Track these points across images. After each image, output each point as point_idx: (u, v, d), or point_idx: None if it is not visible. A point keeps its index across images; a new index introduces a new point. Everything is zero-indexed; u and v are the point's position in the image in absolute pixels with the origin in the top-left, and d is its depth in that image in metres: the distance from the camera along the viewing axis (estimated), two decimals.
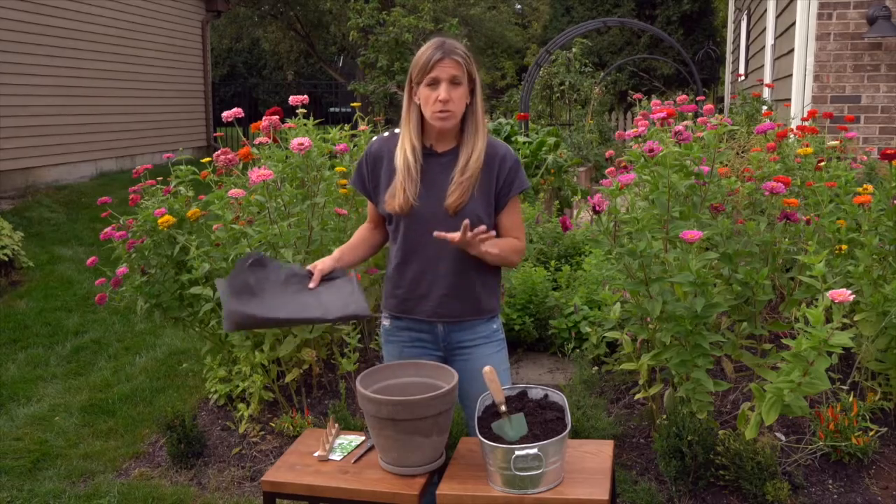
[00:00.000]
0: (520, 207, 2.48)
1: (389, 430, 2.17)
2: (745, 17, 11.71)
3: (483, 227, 2.22)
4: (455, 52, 2.27)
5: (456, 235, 2.21)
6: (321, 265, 2.39)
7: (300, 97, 3.93)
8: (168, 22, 13.29)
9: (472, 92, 2.34)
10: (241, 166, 3.72)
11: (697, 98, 7.99)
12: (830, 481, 3.04)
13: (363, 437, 2.49)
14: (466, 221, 2.19)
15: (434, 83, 2.26)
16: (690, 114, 3.95)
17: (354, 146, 4.26)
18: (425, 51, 2.28)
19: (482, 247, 2.24)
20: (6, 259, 6.55)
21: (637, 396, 3.46)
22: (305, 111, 3.95)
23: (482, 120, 2.37)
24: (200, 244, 3.58)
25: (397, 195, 2.34)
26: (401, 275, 2.44)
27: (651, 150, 3.11)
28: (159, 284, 3.75)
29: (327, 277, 2.39)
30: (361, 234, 2.57)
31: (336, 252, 2.49)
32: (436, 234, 2.24)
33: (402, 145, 2.36)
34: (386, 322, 2.53)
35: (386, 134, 2.47)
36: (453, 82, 2.26)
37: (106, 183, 10.79)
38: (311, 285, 2.35)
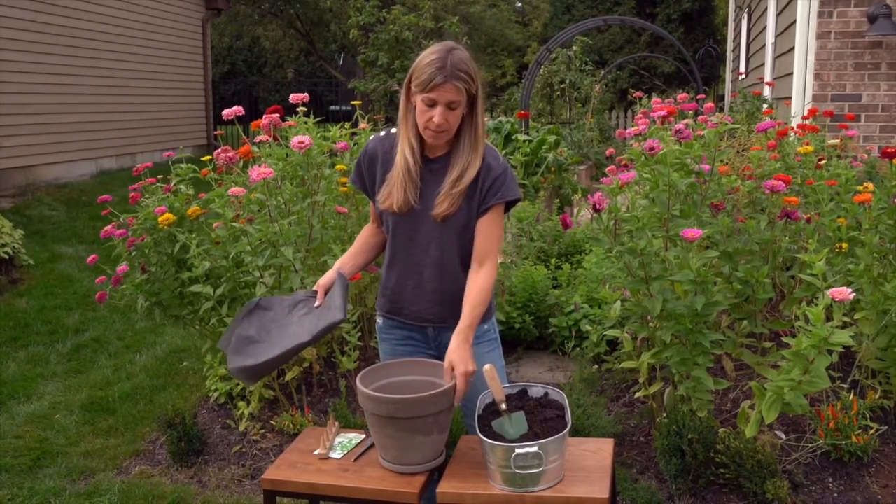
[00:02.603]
0: (500, 221, 2.33)
1: (390, 428, 2.17)
2: (745, 15, 11.71)
3: (462, 382, 2.18)
4: (457, 77, 2.17)
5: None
6: (323, 281, 2.41)
7: (300, 95, 3.93)
8: (169, 20, 13.29)
9: (471, 105, 2.26)
10: (241, 164, 3.72)
11: (698, 96, 8.00)
12: (830, 480, 3.04)
13: (363, 436, 2.49)
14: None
15: (431, 103, 2.19)
16: (691, 112, 3.94)
17: (355, 144, 4.26)
18: (428, 65, 2.17)
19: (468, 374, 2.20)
20: (6, 257, 6.55)
21: (637, 395, 3.46)
22: (306, 109, 3.95)
23: (482, 134, 2.29)
24: (201, 242, 3.58)
25: (395, 194, 2.30)
26: (388, 276, 2.45)
27: (651, 149, 3.11)
28: (159, 282, 3.75)
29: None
30: (364, 237, 2.54)
31: (336, 263, 2.49)
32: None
33: (401, 147, 2.32)
34: (379, 320, 2.53)
35: (382, 133, 2.44)
36: (450, 107, 2.20)
37: (106, 181, 10.80)
38: (317, 304, 2.36)
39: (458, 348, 2.20)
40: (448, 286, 2.35)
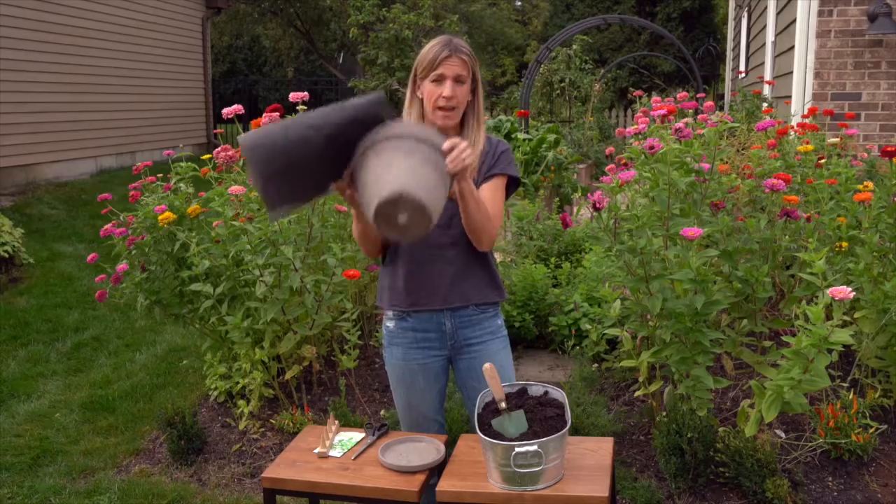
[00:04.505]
0: (502, 192, 2.44)
1: (369, 151, 1.98)
2: (745, 14, 11.70)
3: (451, 143, 2.05)
4: (461, 51, 2.33)
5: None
6: None
7: (300, 94, 3.91)
8: (168, 19, 13.28)
9: (473, 91, 2.40)
10: (241, 163, 3.72)
11: (698, 95, 7.99)
12: (830, 478, 3.04)
13: (363, 434, 2.50)
14: None
15: (439, 80, 2.31)
16: (691, 111, 3.94)
17: None
18: (433, 47, 2.33)
19: (465, 165, 2.06)
20: (6, 256, 6.55)
21: (637, 394, 3.46)
22: (306, 108, 3.94)
23: (483, 117, 2.43)
24: (200, 241, 3.59)
25: None
26: (406, 266, 2.43)
27: (651, 148, 3.11)
28: (159, 281, 3.76)
29: None
30: None
31: None
32: None
33: None
34: (390, 324, 2.51)
35: None
36: (458, 80, 2.32)
37: (106, 180, 10.79)
38: None
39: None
40: (471, 260, 2.42)
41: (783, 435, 3.28)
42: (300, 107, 3.92)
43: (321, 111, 2.03)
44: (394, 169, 1.92)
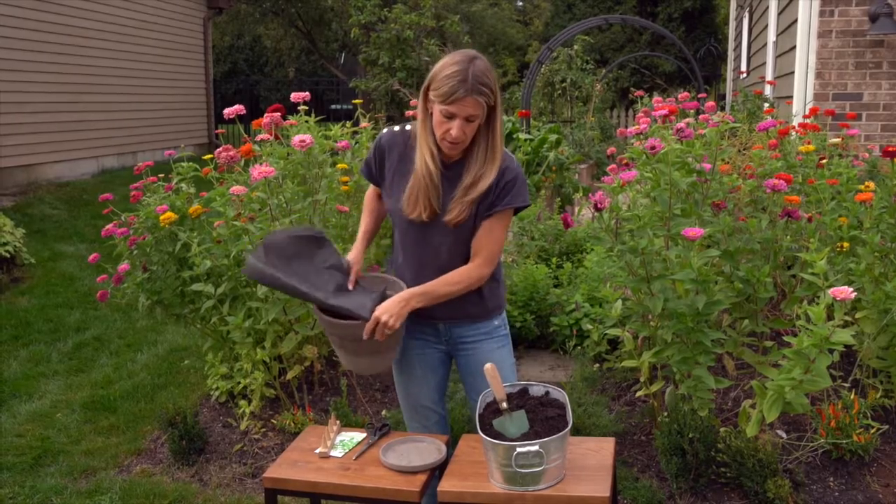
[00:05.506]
0: (503, 225, 2.34)
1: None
2: (746, 14, 11.70)
3: (373, 323, 2.24)
4: (479, 91, 2.16)
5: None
6: (356, 265, 2.45)
7: (302, 94, 3.93)
8: (170, 19, 13.29)
9: (489, 117, 2.26)
10: (242, 163, 3.72)
11: (699, 95, 7.98)
12: (832, 479, 3.04)
13: (364, 434, 2.50)
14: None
15: (449, 116, 2.19)
16: (692, 111, 3.94)
17: (356, 143, 4.26)
18: (449, 77, 2.16)
19: (388, 328, 2.24)
20: (8, 256, 6.55)
21: (638, 394, 3.46)
22: (307, 108, 3.95)
23: (500, 144, 2.28)
24: (202, 241, 3.59)
25: (421, 204, 2.29)
26: (399, 274, 2.48)
27: (653, 148, 3.11)
28: (161, 281, 3.76)
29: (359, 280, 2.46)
30: (374, 212, 2.58)
31: (361, 243, 2.52)
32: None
33: (421, 153, 2.30)
34: None
35: (396, 128, 2.43)
36: (468, 120, 2.20)
37: (107, 180, 10.80)
38: (349, 287, 2.40)
39: (393, 304, 2.24)
40: None
41: (784, 435, 3.28)
42: (301, 107, 3.93)
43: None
44: (339, 353, 2.44)
